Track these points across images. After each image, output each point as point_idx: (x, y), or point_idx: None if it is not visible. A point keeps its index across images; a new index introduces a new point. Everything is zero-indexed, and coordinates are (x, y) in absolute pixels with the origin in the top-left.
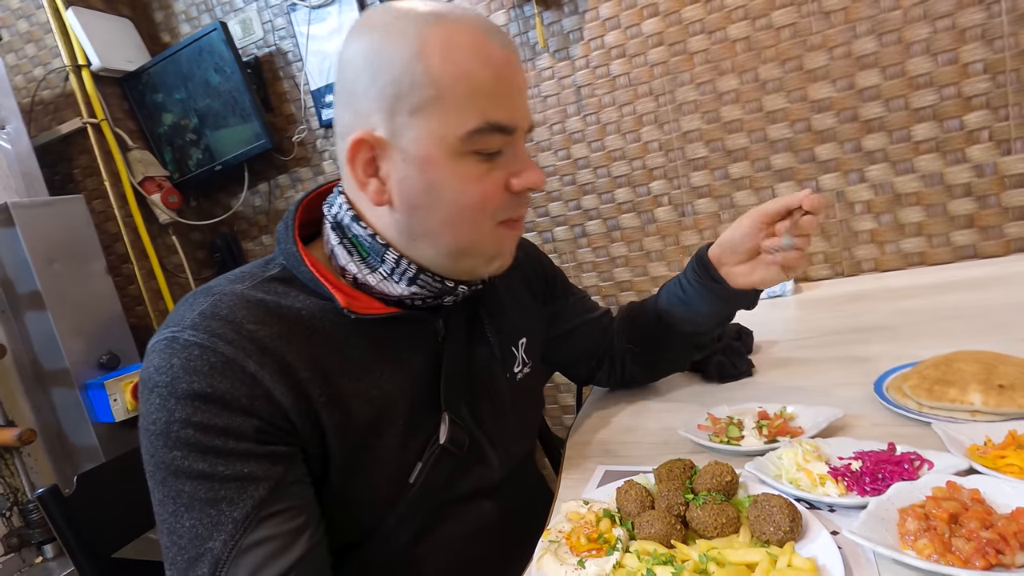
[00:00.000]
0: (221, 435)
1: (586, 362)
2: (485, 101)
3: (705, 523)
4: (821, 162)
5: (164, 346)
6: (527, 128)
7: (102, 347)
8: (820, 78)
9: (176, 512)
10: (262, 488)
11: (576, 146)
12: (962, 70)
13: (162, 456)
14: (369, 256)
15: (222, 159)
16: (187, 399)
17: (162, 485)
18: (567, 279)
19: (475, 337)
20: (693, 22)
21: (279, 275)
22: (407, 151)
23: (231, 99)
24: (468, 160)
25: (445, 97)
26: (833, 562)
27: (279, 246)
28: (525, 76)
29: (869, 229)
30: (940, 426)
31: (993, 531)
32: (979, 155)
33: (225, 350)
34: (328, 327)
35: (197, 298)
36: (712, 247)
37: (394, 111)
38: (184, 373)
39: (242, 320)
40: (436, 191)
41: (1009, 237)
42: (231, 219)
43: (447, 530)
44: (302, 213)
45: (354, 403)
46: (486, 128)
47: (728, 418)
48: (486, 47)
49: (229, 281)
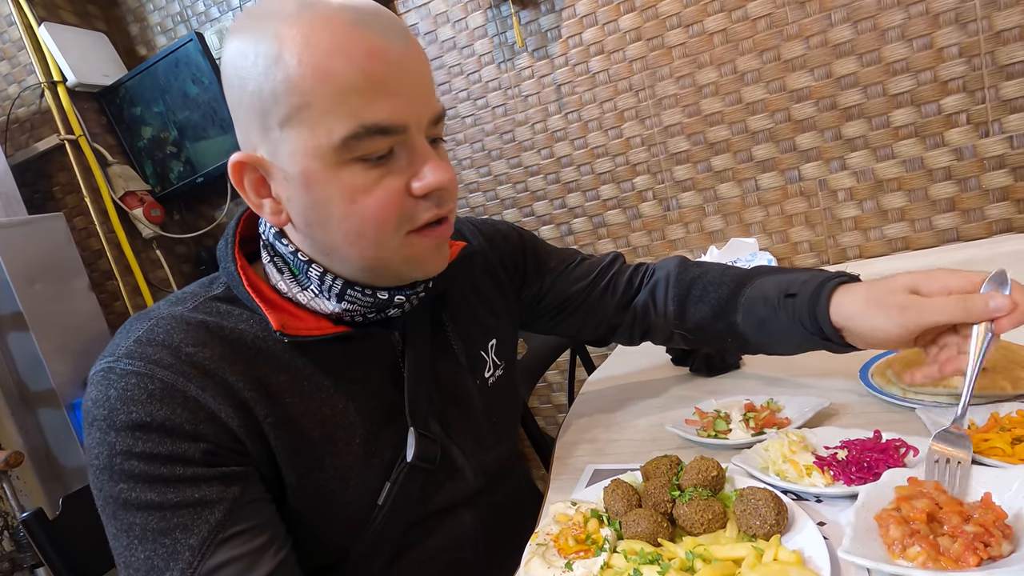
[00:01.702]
0: (167, 463)
1: (594, 328)
2: (356, 101)
3: (692, 519)
4: (802, 151)
5: (100, 378)
6: (429, 120)
7: (88, 366)
8: (798, 67)
9: (130, 545)
10: (217, 511)
11: (559, 144)
12: (937, 54)
13: (109, 490)
14: (298, 274)
15: (204, 171)
16: (127, 430)
17: (113, 519)
18: (544, 252)
19: (439, 346)
20: (670, 16)
21: (223, 295)
22: (287, 168)
23: (210, 110)
24: (353, 169)
25: (311, 103)
26: (819, 553)
27: (221, 264)
28: (421, 60)
29: (852, 216)
30: (923, 411)
31: (974, 524)
32: (958, 138)
33: (163, 376)
34: (272, 347)
35: (134, 324)
36: (840, 317)
37: (266, 127)
38: (121, 404)
39: (180, 343)
40: (325, 208)
41: (991, 219)
42: (215, 231)
43: (427, 545)
44: (245, 228)
45: (304, 423)
46: (362, 132)
47: (715, 412)
48: (352, 39)
49: (169, 304)
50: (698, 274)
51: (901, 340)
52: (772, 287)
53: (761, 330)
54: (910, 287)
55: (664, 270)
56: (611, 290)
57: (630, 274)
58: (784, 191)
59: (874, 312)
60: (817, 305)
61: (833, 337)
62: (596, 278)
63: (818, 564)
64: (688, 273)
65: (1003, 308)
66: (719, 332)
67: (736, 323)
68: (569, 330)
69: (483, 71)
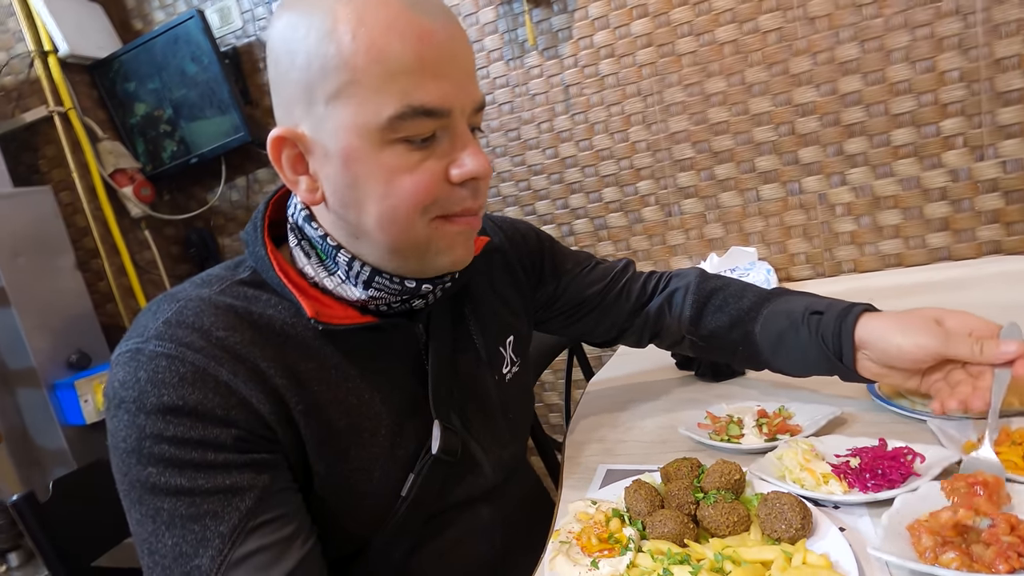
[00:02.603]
0: (198, 448)
1: (605, 331)
2: (406, 81)
3: (717, 522)
4: (804, 164)
5: (128, 359)
6: (472, 108)
7: (71, 346)
8: (804, 82)
9: (156, 531)
10: (248, 499)
11: (564, 145)
12: (939, 78)
13: (136, 474)
14: (326, 259)
15: (198, 152)
16: (158, 413)
17: (139, 504)
18: (560, 254)
19: (460, 340)
20: (682, 24)
21: (249, 279)
22: (328, 145)
23: (208, 90)
24: (395, 150)
25: (360, 80)
26: (846, 558)
27: (248, 248)
28: (468, 47)
29: (849, 231)
30: (935, 423)
31: (1015, 535)
32: (954, 160)
33: (194, 359)
34: (301, 334)
35: (161, 305)
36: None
37: (311, 101)
38: (152, 386)
39: (210, 327)
40: (362, 187)
41: (981, 240)
42: (207, 214)
43: (444, 538)
44: (272, 212)
45: (332, 412)
46: (409, 112)
47: (728, 416)
48: (406, 19)
49: (195, 286)
50: (720, 285)
51: (916, 361)
52: (798, 304)
53: (778, 343)
54: (936, 318)
55: (684, 280)
56: (625, 294)
57: (644, 280)
58: (784, 203)
59: (899, 330)
60: (844, 322)
61: (848, 361)
62: (611, 282)
63: (845, 568)
64: (709, 283)
65: (1013, 354)
66: (732, 341)
67: (753, 332)
68: (581, 331)
69: (491, 67)
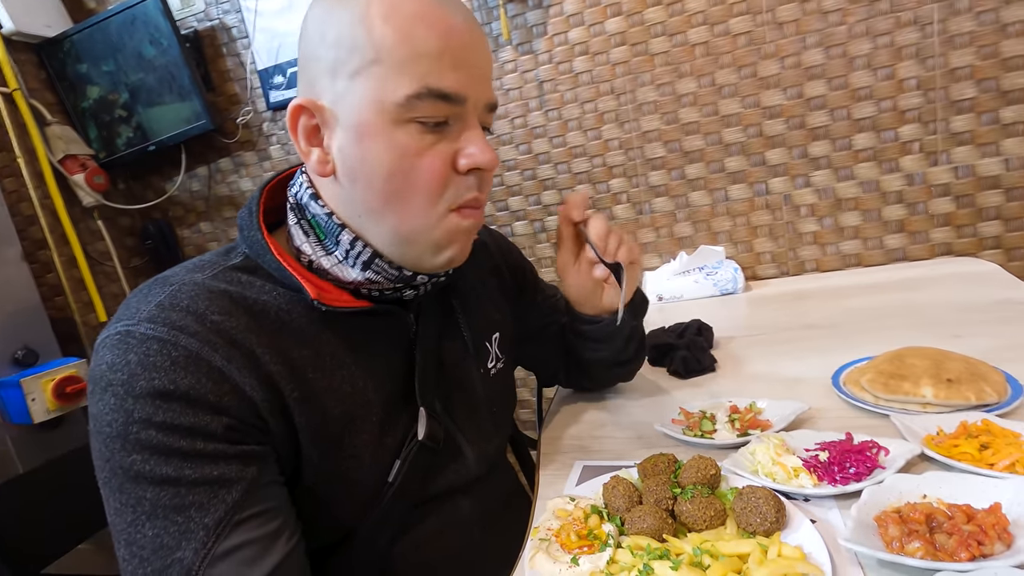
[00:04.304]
0: (187, 435)
1: (552, 365)
2: (427, 65)
3: (695, 516)
4: (771, 166)
5: (118, 341)
6: (485, 104)
7: (17, 341)
8: (772, 86)
9: (136, 521)
10: (235, 491)
11: (537, 141)
12: (898, 85)
13: (119, 460)
14: (325, 238)
15: (156, 139)
16: (147, 397)
17: (119, 492)
18: (537, 275)
19: (448, 331)
20: (655, 24)
21: (242, 264)
22: (345, 118)
23: (167, 74)
24: (408, 129)
25: (384, 60)
26: (818, 550)
27: (242, 233)
28: (488, 51)
29: (813, 231)
30: (898, 418)
31: (973, 524)
32: (910, 165)
33: (188, 343)
34: (297, 320)
35: (152, 288)
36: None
37: (335, 75)
38: (142, 369)
39: (205, 311)
40: (372, 162)
41: (934, 242)
42: (165, 204)
43: (425, 529)
44: (266, 198)
45: (327, 400)
46: (426, 93)
47: (701, 412)
48: (436, 13)
49: (187, 270)
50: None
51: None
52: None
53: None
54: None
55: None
56: (558, 335)
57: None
58: (751, 203)
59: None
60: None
61: (586, 318)
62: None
63: (818, 559)
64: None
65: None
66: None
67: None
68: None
69: None
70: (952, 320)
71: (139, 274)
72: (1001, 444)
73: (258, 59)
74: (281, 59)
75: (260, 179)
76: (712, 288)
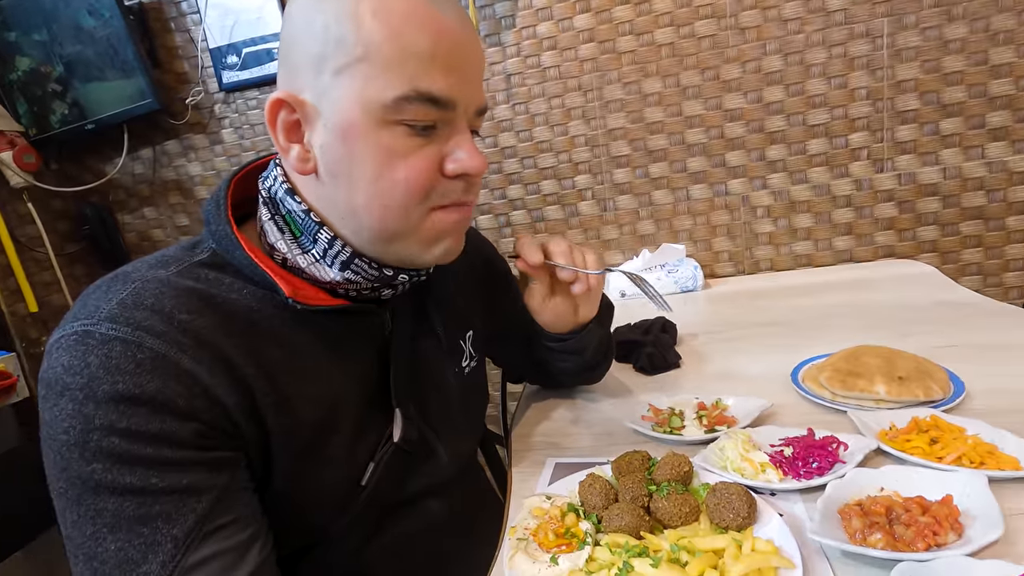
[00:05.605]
0: (153, 442)
1: (520, 366)
2: (417, 67)
3: (670, 513)
4: (731, 167)
5: (75, 341)
6: (476, 108)
7: None
8: (734, 89)
9: (97, 534)
10: (205, 500)
11: (504, 135)
12: (850, 94)
13: (77, 470)
14: (302, 235)
15: (95, 117)
16: (110, 403)
17: (77, 504)
18: (510, 273)
19: (422, 330)
20: (623, 22)
21: (209, 260)
22: (329, 115)
23: (109, 48)
24: (395, 132)
25: (372, 58)
26: (788, 543)
27: (208, 227)
28: (480, 53)
29: (768, 232)
30: (854, 414)
31: (929, 515)
32: (859, 171)
33: (154, 344)
34: (269, 319)
35: (113, 285)
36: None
37: (319, 70)
38: (104, 372)
39: (172, 310)
40: (357, 163)
41: (878, 244)
42: (105, 187)
43: (396, 532)
44: (233, 191)
45: (301, 402)
46: (414, 96)
47: (670, 409)
48: (428, 12)
49: (149, 266)
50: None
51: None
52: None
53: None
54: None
55: None
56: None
57: None
58: (711, 203)
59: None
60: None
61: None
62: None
63: (789, 552)
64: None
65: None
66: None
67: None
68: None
69: None
70: (898, 319)
71: (75, 261)
72: (948, 439)
73: (210, 37)
74: (236, 38)
75: (210, 163)
76: (673, 285)
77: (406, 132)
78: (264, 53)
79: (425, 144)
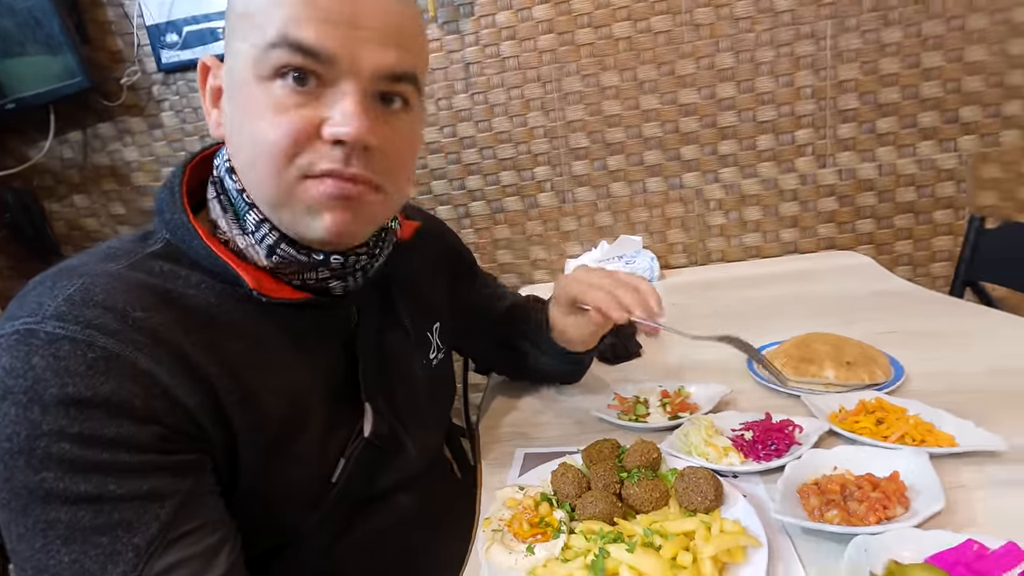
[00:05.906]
0: (110, 448)
1: (487, 356)
2: (287, 13)
3: (642, 499)
4: (685, 161)
5: (16, 341)
6: (375, 70)
7: None
8: (688, 84)
9: (48, 547)
10: (168, 505)
11: (463, 124)
12: (796, 92)
13: (23, 479)
14: (240, 217)
15: (16, 95)
16: (59, 406)
17: (23, 515)
18: (475, 263)
19: (389, 322)
20: (581, 15)
21: (162, 251)
22: (230, 77)
23: (31, 20)
24: (271, 87)
25: (253, 13)
26: (753, 523)
27: (161, 216)
28: (390, 11)
29: (720, 224)
30: (807, 398)
31: (879, 491)
32: (804, 166)
33: (106, 343)
34: (229, 313)
35: (58, 281)
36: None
37: (231, 39)
38: (52, 375)
39: (125, 306)
40: (236, 121)
41: (820, 236)
42: (29, 172)
43: (367, 528)
44: (188, 178)
45: (267, 399)
46: (281, 42)
47: (635, 397)
48: None
49: (97, 259)
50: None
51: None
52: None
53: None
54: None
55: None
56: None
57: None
58: (667, 195)
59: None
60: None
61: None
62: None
63: (755, 531)
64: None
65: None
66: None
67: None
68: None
69: None
70: (841, 308)
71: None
72: (892, 419)
73: (147, 13)
74: (176, 15)
75: (148, 149)
76: None
77: (285, 90)
78: (208, 32)
79: (303, 104)
